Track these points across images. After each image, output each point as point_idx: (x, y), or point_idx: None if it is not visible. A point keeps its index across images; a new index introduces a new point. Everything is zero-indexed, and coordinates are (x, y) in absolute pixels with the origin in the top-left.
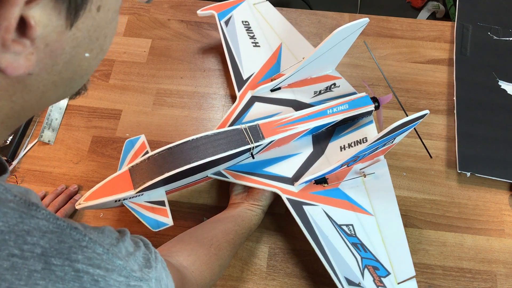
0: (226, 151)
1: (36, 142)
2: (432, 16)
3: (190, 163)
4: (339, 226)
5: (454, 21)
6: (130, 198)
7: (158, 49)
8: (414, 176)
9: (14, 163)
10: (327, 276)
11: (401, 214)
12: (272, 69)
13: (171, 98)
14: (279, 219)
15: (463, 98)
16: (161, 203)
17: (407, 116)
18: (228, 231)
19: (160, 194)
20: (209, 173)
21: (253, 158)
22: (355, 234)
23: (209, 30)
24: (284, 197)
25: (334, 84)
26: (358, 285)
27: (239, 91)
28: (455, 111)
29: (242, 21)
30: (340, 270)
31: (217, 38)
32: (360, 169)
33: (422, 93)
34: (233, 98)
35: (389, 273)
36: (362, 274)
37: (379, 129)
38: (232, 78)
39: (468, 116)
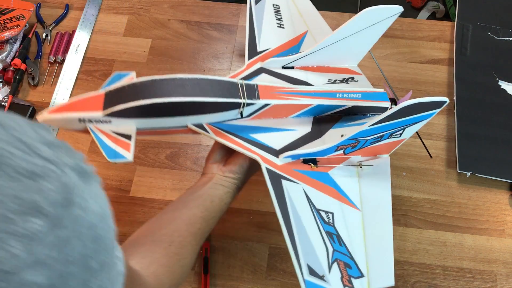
0: (214, 97)
1: None
2: (432, 16)
3: (170, 96)
4: (317, 210)
5: (454, 21)
6: (96, 122)
7: (158, 49)
8: (414, 176)
9: None
10: None
11: (401, 214)
12: (291, 50)
13: None
14: None
15: (463, 98)
16: (128, 137)
17: None
18: (193, 220)
19: (129, 128)
20: (189, 121)
21: (242, 116)
22: (333, 223)
23: (209, 30)
24: (263, 166)
25: (353, 78)
26: (321, 278)
27: (249, 59)
28: (455, 111)
29: (273, 4)
30: (304, 255)
31: (217, 37)
32: (358, 162)
33: (422, 93)
34: None
35: (362, 276)
36: (329, 268)
37: None
38: (246, 46)
39: (468, 116)
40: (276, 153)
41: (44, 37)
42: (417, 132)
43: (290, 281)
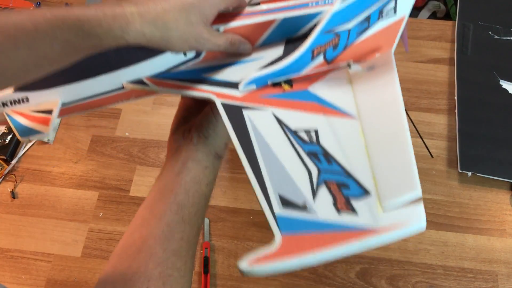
0: None
1: (36, 141)
2: (433, 16)
3: None
4: (293, 132)
5: (455, 20)
6: (11, 103)
7: None
8: None
9: (13, 162)
10: (328, 276)
11: None
12: None
13: (171, 97)
14: None
15: (464, 97)
16: (48, 111)
17: (408, 116)
18: (168, 232)
19: (52, 100)
20: (123, 77)
21: (186, 56)
22: (317, 141)
23: None
24: (218, 102)
25: None
26: (302, 207)
27: None
28: (456, 111)
29: None
30: (275, 186)
31: None
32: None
33: (423, 92)
34: None
35: (367, 193)
36: (314, 193)
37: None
38: None
39: (469, 116)
40: (237, 85)
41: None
42: (418, 131)
43: (291, 281)
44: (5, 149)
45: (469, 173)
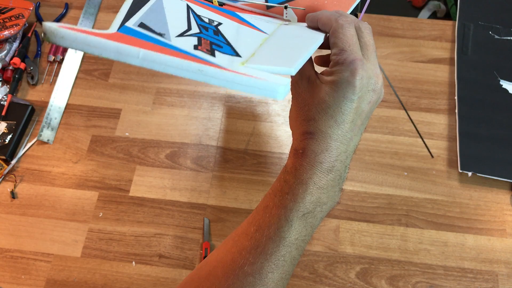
0: None
1: (36, 141)
2: (433, 16)
3: None
4: (196, 14)
5: (455, 20)
6: None
7: None
8: (415, 175)
9: (13, 162)
10: (328, 277)
11: (402, 214)
12: None
13: (171, 97)
14: None
15: (464, 97)
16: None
17: (409, 116)
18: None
19: None
20: None
21: None
22: (215, 26)
23: None
24: None
25: None
26: (157, 33)
27: None
28: (456, 111)
29: None
30: (143, 17)
31: None
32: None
33: (423, 92)
34: (233, 97)
35: (238, 55)
36: (180, 35)
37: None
38: None
39: (470, 116)
40: None
41: (43, 36)
42: (418, 131)
43: (290, 281)
44: (4, 149)
45: (470, 173)
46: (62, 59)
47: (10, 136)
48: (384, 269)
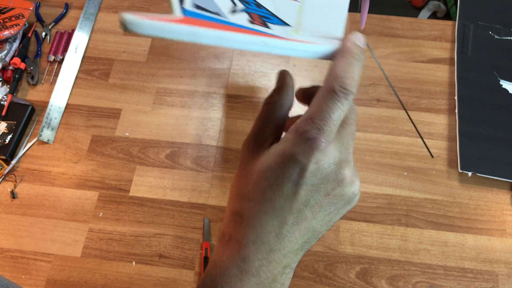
0: None
1: (36, 141)
2: (433, 16)
3: None
4: None
5: (455, 20)
6: None
7: (158, 48)
8: (415, 175)
9: (13, 162)
10: (328, 276)
11: (402, 214)
12: None
13: (171, 97)
14: None
15: (464, 97)
16: None
17: (409, 116)
18: None
19: None
20: None
21: None
22: (254, 0)
23: None
24: None
25: None
26: (214, 13)
27: None
28: (456, 111)
29: None
30: None
31: None
32: None
33: (423, 92)
34: (233, 97)
35: (287, 25)
36: (232, 12)
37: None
38: None
39: (470, 116)
40: None
41: (43, 36)
42: (418, 131)
43: (291, 281)
44: (4, 149)
45: (470, 173)
46: (62, 59)
47: (10, 136)
48: (384, 269)
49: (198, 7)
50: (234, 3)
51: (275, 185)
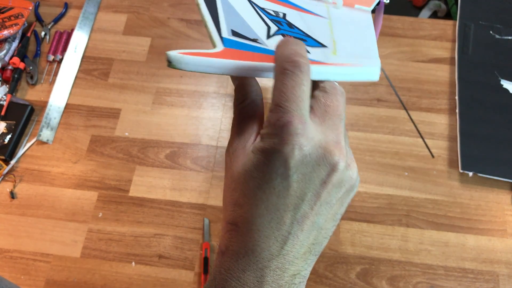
0: None
1: (35, 141)
2: (434, 15)
3: None
4: (261, 7)
5: (456, 20)
6: None
7: (158, 47)
8: (416, 176)
9: (13, 162)
10: (328, 277)
11: (403, 214)
12: None
13: (170, 97)
14: None
15: (465, 97)
16: None
17: (409, 116)
18: None
19: None
20: None
21: None
22: (283, 17)
23: None
24: None
25: None
26: (252, 40)
27: None
28: (457, 110)
29: None
30: (228, 23)
31: None
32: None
33: (424, 92)
34: (233, 97)
35: (324, 46)
36: (268, 36)
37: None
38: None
39: (470, 115)
40: None
41: (42, 36)
42: (418, 131)
43: None
44: (4, 149)
45: (470, 173)
46: (62, 59)
47: (9, 136)
48: (385, 270)
49: (235, 33)
50: (268, 25)
51: (264, 183)
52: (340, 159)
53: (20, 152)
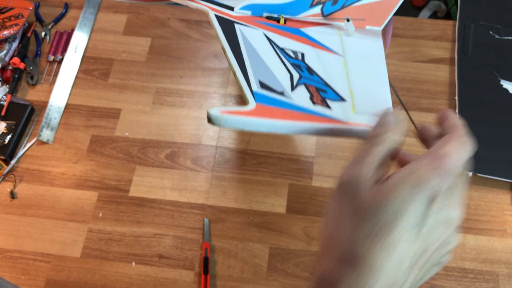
0: None
1: (35, 141)
2: (434, 15)
3: None
4: (281, 48)
5: (456, 20)
6: None
7: (158, 48)
8: None
9: (13, 162)
10: None
11: None
12: None
13: (171, 97)
14: (280, 219)
15: (465, 97)
16: None
17: (409, 116)
18: None
19: None
20: None
21: None
22: (302, 59)
23: (209, 29)
24: (212, 14)
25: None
26: (279, 93)
27: None
28: (456, 111)
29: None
30: (256, 74)
31: None
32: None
33: (424, 92)
34: (233, 97)
35: (343, 99)
36: (293, 87)
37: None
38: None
39: (470, 116)
40: (232, 8)
41: (43, 36)
42: (418, 131)
43: (291, 282)
44: (4, 149)
45: (470, 173)
46: (62, 59)
47: (9, 136)
48: None
49: (263, 85)
50: (290, 73)
51: (402, 215)
52: (453, 226)
53: (20, 152)
